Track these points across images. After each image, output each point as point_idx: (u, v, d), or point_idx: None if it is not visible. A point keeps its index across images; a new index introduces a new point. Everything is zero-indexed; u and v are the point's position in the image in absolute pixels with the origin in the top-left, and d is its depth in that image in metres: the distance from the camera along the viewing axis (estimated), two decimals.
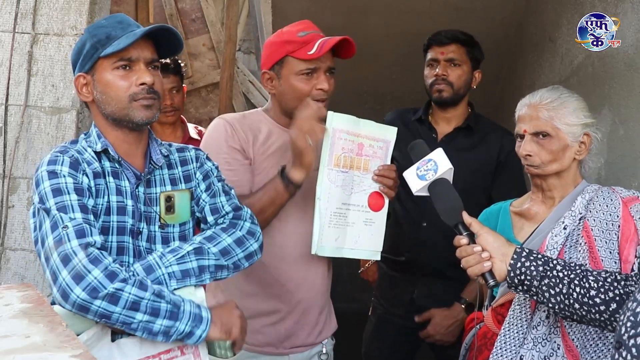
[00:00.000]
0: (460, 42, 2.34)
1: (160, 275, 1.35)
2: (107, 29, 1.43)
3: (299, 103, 1.79)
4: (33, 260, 2.43)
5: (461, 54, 2.34)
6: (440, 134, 2.40)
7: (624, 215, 1.56)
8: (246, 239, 1.50)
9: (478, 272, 1.43)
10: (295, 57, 1.78)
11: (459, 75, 2.33)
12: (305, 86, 1.80)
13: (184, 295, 1.36)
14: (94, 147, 1.44)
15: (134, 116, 1.43)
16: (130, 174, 1.46)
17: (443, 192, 1.51)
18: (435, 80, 2.34)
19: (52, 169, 1.36)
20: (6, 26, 2.51)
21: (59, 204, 1.32)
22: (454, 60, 2.33)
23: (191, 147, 1.62)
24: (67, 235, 1.28)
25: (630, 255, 1.53)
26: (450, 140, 2.36)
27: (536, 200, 1.75)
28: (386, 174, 1.83)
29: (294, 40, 1.79)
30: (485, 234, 1.46)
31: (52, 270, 1.27)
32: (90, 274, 1.25)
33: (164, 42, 1.48)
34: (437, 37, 2.36)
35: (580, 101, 1.69)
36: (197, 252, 1.41)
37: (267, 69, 1.85)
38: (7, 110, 2.47)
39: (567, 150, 1.65)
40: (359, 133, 1.80)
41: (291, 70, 1.80)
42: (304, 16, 2.01)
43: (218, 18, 5.55)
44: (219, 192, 1.56)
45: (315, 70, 1.79)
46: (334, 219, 1.78)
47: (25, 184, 2.46)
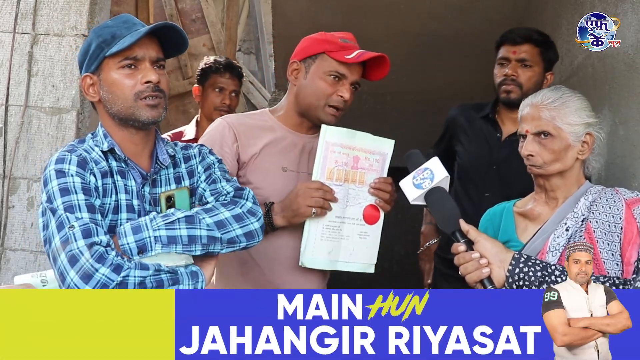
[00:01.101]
0: (534, 42, 2.26)
1: (146, 237, 1.36)
2: (112, 29, 1.45)
3: (315, 102, 1.82)
4: (33, 261, 2.43)
5: (534, 54, 2.26)
6: (505, 134, 2.33)
7: (626, 217, 1.56)
8: (246, 216, 1.48)
9: (477, 278, 1.43)
10: (331, 56, 1.81)
11: (530, 77, 2.25)
12: (329, 88, 1.81)
13: (168, 262, 1.37)
14: (101, 147, 1.45)
15: (139, 115, 1.44)
16: (137, 174, 1.47)
17: (440, 200, 1.52)
18: (504, 80, 2.27)
19: (60, 168, 1.38)
20: (6, 26, 2.51)
21: (66, 204, 1.34)
22: (525, 61, 2.25)
23: (195, 145, 1.63)
24: (73, 235, 1.30)
25: (632, 257, 1.52)
26: (515, 141, 2.33)
27: (539, 201, 1.75)
28: (382, 187, 1.82)
29: (335, 42, 1.83)
30: (483, 240, 1.47)
31: (59, 271, 1.30)
32: (98, 272, 1.28)
33: (168, 41, 1.49)
34: (510, 35, 2.28)
35: (583, 101, 1.68)
36: (189, 220, 1.40)
37: (298, 60, 1.87)
38: (7, 110, 2.48)
39: (569, 150, 1.65)
40: (354, 146, 1.80)
41: (322, 67, 1.82)
42: (304, 16, 2.01)
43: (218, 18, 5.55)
44: (219, 179, 1.55)
45: (343, 77, 1.82)
46: (327, 232, 1.78)
47: (25, 184, 2.46)
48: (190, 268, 1.40)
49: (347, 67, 1.81)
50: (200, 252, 1.42)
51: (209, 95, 2.94)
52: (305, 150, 1.89)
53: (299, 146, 1.89)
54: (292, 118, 1.90)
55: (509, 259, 1.44)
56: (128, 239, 1.35)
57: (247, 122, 1.89)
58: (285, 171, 1.86)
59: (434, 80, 4.01)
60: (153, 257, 1.36)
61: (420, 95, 4.38)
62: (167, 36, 1.48)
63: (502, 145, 2.31)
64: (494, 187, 2.27)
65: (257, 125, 1.89)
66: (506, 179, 2.27)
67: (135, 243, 1.35)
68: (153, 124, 1.48)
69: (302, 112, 1.88)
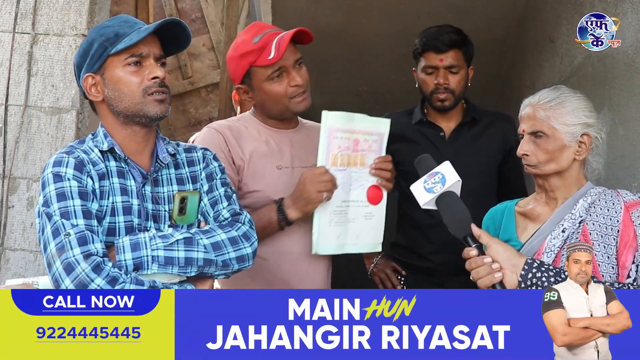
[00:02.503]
0: (458, 46, 2.27)
1: (144, 255, 1.36)
2: (114, 28, 1.45)
3: (280, 106, 1.84)
4: (33, 261, 2.43)
5: (459, 58, 2.27)
6: (447, 131, 2.36)
7: (624, 220, 1.55)
8: (240, 240, 1.50)
9: (489, 283, 1.41)
10: (258, 65, 1.80)
11: (459, 81, 2.28)
12: (280, 88, 1.82)
13: (163, 278, 1.38)
14: (101, 147, 1.45)
15: (148, 111, 1.44)
16: (137, 173, 1.48)
17: (451, 204, 1.50)
18: (437, 90, 2.28)
19: (57, 171, 1.38)
20: (6, 26, 2.51)
21: (62, 209, 1.34)
22: (453, 67, 2.26)
23: (199, 148, 1.63)
24: (69, 243, 1.30)
25: (628, 261, 1.51)
26: (459, 136, 2.35)
27: (540, 201, 1.75)
28: (383, 166, 1.84)
29: (250, 50, 1.80)
30: (495, 244, 1.45)
31: (54, 278, 1.30)
32: (93, 282, 1.28)
33: (169, 39, 1.50)
34: (434, 43, 2.27)
35: (582, 101, 1.67)
36: (187, 242, 1.42)
37: (238, 84, 1.88)
38: (7, 110, 2.48)
39: (564, 151, 1.64)
40: (353, 129, 1.80)
41: (260, 78, 1.82)
42: (303, 16, 2.01)
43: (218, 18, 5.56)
44: (220, 199, 1.57)
45: (283, 69, 1.81)
46: (335, 218, 1.79)
47: (25, 184, 2.46)
48: (185, 286, 1.40)
49: (278, 62, 1.78)
50: (194, 274, 1.43)
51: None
52: (294, 145, 1.91)
53: (286, 142, 1.91)
54: (270, 121, 1.92)
55: (522, 263, 1.42)
56: (126, 256, 1.36)
57: (234, 126, 1.91)
58: (280, 169, 1.87)
59: None
60: (149, 275, 1.37)
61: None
62: (169, 34, 1.49)
63: (448, 142, 2.33)
64: None
65: (242, 129, 1.90)
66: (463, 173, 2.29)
67: (133, 260, 1.36)
68: (160, 119, 1.49)
69: (277, 117, 1.90)
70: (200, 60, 5.71)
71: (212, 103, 5.81)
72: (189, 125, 5.87)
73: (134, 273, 1.35)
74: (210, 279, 1.49)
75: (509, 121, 2.36)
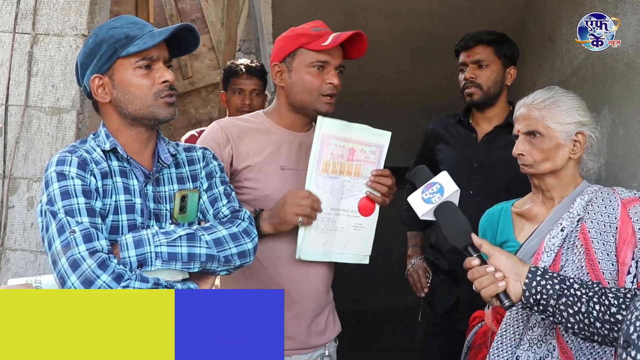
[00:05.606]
0: (486, 42, 2.36)
1: (147, 252, 1.37)
2: (124, 30, 1.45)
3: (308, 97, 1.83)
4: (33, 261, 2.43)
5: (488, 54, 2.36)
6: (480, 134, 2.42)
7: (622, 217, 1.56)
8: (241, 236, 1.51)
9: (493, 292, 1.38)
10: (308, 48, 1.81)
11: (488, 76, 2.35)
12: (316, 79, 1.82)
13: (166, 276, 1.39)
14: (103, 147, 1.46)
15: (158, 114, 1.46)
16: (139, 173, 1.48)
17: (450, 214, 1.49)
18: (465, 84, 2.38)
19: (60, 170, 1.38)
20: (6, 26, 2.51)
21: (66, 207, 1.34)
22: (480, 62, 2.36)
23: (198, 147, 1.65)
24: (74, 240, 1.31)
25: (627, 257, 1.52)
26: (492, 140, 2.39)
27: (536, 201, 1.75)
28: (381, 180, 1.82)
29: (307, 34, 1.82)
30: (498, 253, 1.42)
31: (60, 274, 1.30)
32: (99, 278, 1.28)
33: (176, 42, 1.51)
34: (462, 42, 2.40)
35: (576, 100, 1.69)
36: (190, 238, 1.42)
37: (278, 62, 1.87)
38: (7, 110, 2.48)
39: (559, 149, 1.65)
40: (350, 138, 1.79)
41: (303, 62, 1.82)
42: (303, 16, 2.01)
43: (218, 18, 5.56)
44: (220, 197, 1.58)
45: (326, 64, 1.82)
46: (322, 224, 1.78)
47: (25, 184, 2.46)
48: (188, 284, 1.41)
49: (327, 54, 1.81)
50: (197, 270, 1.44)
51: (230, 98, 2.97)
52: (302, 148, 1.90)
53: (295, 144, 1.90)
54: (287, 118, 1.91)
55: (525, 272, 1.39)
56: (129, 252, 1.36)
57: (241, 125, 1.90)
58: (283, 170, 1.86)
59: (434, 80, 4.02)
60: (152, 271, 1.38)
61: (420, 95, 4.38)
62: (176, 37, 1.49)
63: (479, 144, 2.41)
64: (477, 184, 2.33)
65: (251, 127, 1.89)
66: (488, 175, 2.35)
67: (136, 257, 1.36)
68: (168, 122, 1.51)
69: (298, 109, 1.88)
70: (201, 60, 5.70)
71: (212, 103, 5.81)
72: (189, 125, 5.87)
73: (139, 270, 1.35)
74: (212, 277, 1.50)
75: None
